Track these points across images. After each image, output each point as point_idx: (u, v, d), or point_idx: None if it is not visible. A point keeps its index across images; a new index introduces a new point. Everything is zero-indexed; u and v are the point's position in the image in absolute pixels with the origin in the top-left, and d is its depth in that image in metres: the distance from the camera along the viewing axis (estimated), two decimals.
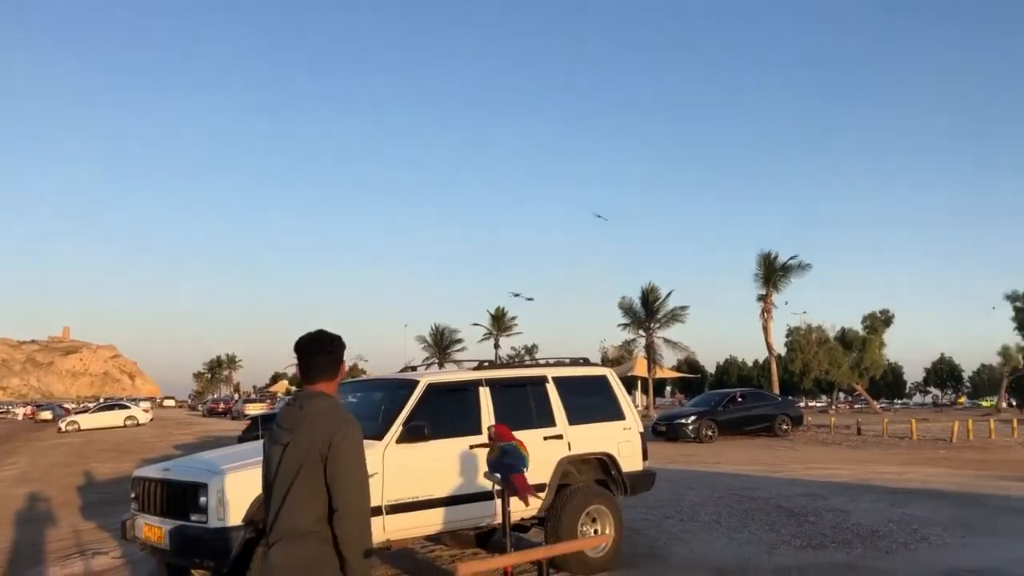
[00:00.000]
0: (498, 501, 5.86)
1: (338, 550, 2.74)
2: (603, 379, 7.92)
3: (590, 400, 7.70)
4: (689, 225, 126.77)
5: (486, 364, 7.48)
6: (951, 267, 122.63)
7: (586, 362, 8.05)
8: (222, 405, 64.98)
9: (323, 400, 2.92)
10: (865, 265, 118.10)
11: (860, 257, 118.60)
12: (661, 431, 26.26)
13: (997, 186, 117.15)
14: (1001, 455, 21.38)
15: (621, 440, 7.63)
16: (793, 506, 10.73)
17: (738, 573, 7.12)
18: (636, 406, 40.83)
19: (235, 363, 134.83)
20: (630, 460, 7.65)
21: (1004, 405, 61.16)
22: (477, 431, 6.56)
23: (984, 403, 73.36)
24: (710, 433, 25.48)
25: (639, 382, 55.16)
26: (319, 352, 2.98)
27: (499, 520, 6.92)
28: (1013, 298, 58.01)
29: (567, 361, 7.96)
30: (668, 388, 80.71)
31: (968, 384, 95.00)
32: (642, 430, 7.87)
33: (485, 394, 6.91)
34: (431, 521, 6.43)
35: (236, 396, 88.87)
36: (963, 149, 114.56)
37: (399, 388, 6.82)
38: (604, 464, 7.54)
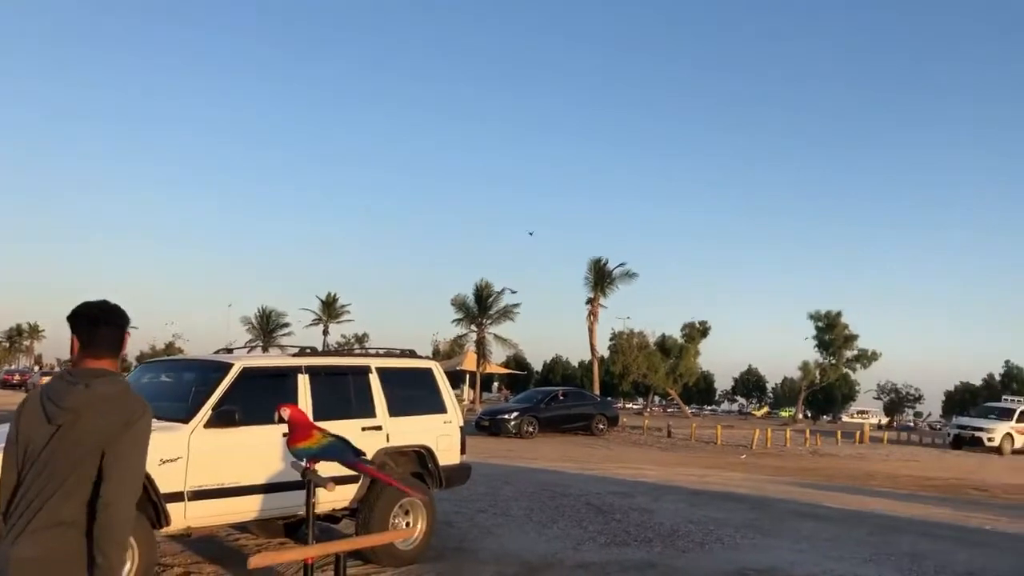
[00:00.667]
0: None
1: (92, 542, 2.50)
2: (428, 372, 7.92)
3: (413, 392, 7.68)
4: (526, 225, 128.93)
5: (308, 351, 7.32)
6: (764, 284, 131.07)
7: (412, 354, 8.03)
8: (17, 376, 60.21)
9: (113, 381, 2.64)
10: (689, 277, 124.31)
11: (685, 269, 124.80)
12: (484, 426, 26.59)
13: (804, 212, 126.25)
14: (794, 462, 23.03)
15: (441, 433, 7.66)
16: (602, 504, 11.13)
17: (544, 568, 7.30)
18: (463, 400, 41.07)
19: (38, 333, 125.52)
20: (448, 454, 7.69)
21: (800, 416, 66.01)
22: None
23: (784, 413, 78.85)
24: (531, 429, 26.03)
25: (468, 376, 55.66)
26: (107, 324, 2.69)
27: (315, 509, 6.81)
28: (816, 318, 62.72)
29: (393, 352, 7.91)
30: (496, 384, 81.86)
31: (771, 395, 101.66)
32: (462, 424, 7.93)
33: (304, 381, 6.75)
34: (237, 509, 6.22)
35: (35, 368, 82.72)
36: (780, 170, 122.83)
37: (212, 370, 6.55)
38: (422, 457, 7.54)
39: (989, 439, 30.07)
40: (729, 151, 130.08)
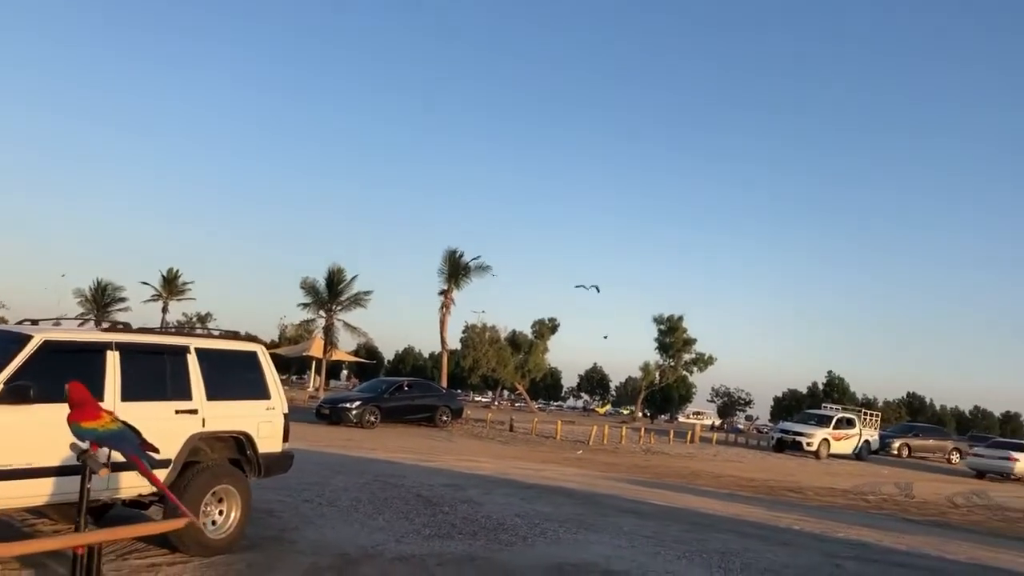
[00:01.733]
0: (105, 474, 5.36)
1: None
2: (252, 355, 7.61)
3: (235, 376, 7.35)
4: (381, 212, 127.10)
5: (120, 326, 6.89)
6: (613, 284, 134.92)
7: (236, 336, 7.70)
8: None
9: None
10: (542, 274, 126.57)
11: (537, 265, 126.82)
12: (324, 414, 26.11)
13: (654, 216, 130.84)
14: (627, 459, 23.78)
15: (262, 420, 7.38)
16: (432, 495, 11.08)
17: (362, 560, 7.16)
18: (309, 387, 40.04)
19: None
20: (269, 441, 7.42)
21: (640, 415, 68.41)
22: (98, 398, 5.99)
23: (624, 411, 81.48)
24: (373, 419, 25.74)
25: (314, 363, 54.49)
26: None
27: (118, 494, 6.42)
28: (659, 321, 65.14)
29: (215, 333, 7.56)
30: (344, 372, 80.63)
31: (614, 393, 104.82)
32: (287, 411, 7.68)
33: (113, 359, 6.34)
34: (27, 492, 5.77)
35: None
36: (631, 175, 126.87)
37: (9, 342, 6.05)
38: (240, 443, 7.24)
39: (808, 444, 31.95)
40: (578, 150, 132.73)
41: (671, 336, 64.47)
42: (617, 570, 7.46)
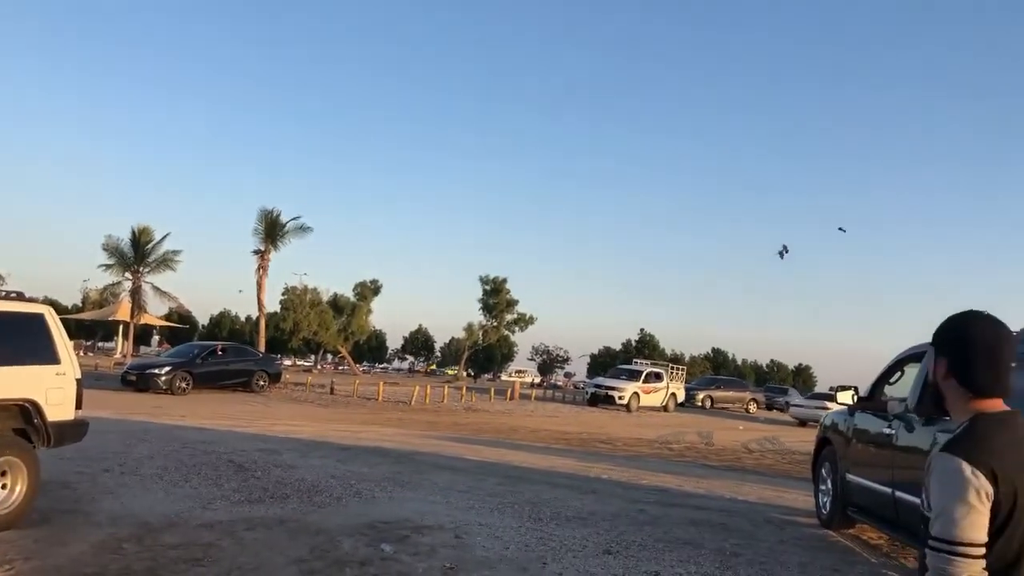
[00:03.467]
0: None
1: None
2: (38, 318, 7.09)
3: (19, 340, 6.84)
4: (191, 167, 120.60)
5: None
6: (437, 246, 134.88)
7: (20, 297, 7.14)
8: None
9: None
10: (365, 235, 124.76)
11: (361, 227, 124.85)
12: (131, 380, 24.79)
13: (478, 179, 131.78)
14: (448, 418, 24.07)
15: (51, 386, 6.91)
16: (244, 461, 10.81)
17: (165, 528, 6.89)
18: (116, 353, 37.78)
19: None
20: (60, 408, 6.97)
21: (464, 375, 69.30)
22: None
23: (449, 372, 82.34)
24: (184, 385, 24.69)
25: (122, 328, 51.48)
26: None
27: None
28: (484, 281, 65.93)
29: None
30: (156, 337, 76.64)
31: (439, 354, 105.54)
32: (79, 376, 7.23)
33: None
34: None
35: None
36: (458, 136, 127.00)
37: None
38: (26, 412, 6.76)
39: (620, 397, 33.53)
40: (398, 113, 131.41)
41: (495, 297, 65.45)
42: (430, 525, 7.57)
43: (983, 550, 1.69)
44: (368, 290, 65.34)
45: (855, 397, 8.29)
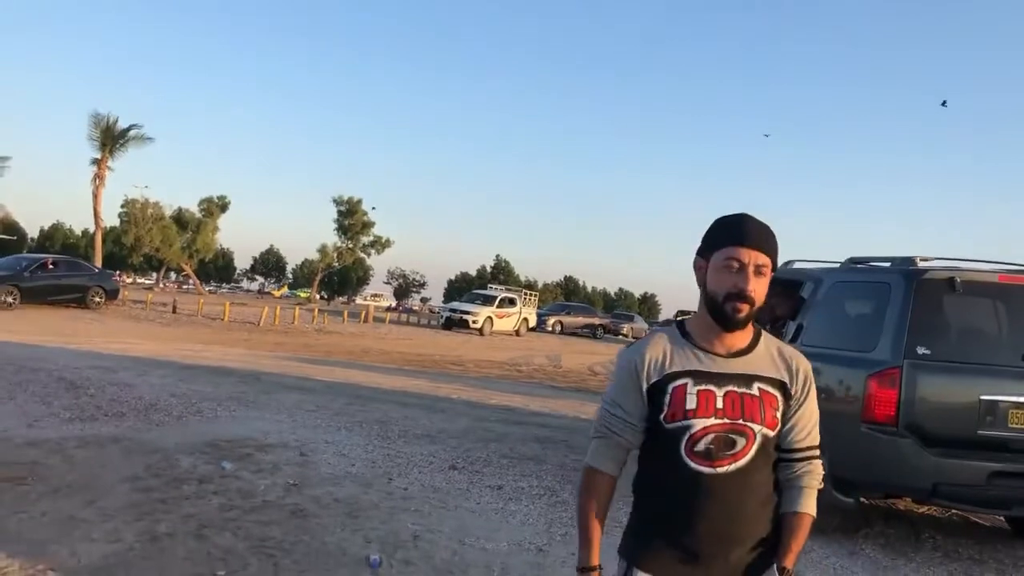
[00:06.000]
0: None
1: None
2: None
3: None
4: (21, 62, 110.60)
5: None
6: (290, 164, 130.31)
7: None
8: None
9: None
10: (210, 146, 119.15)
11: (210, 142, 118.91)
12: None
13: (332, 96, 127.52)
14: (298, 339, 23.66)
15: None
16: (77, 378, 10.27)
17: None
18: None
19: None
20: None
21: (317, 297, 68.12)
22: None
23: (302, 294, 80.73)
24: (11, 300, 23.09)
25: None
26: None
27: None
28: (338, 202, 64.54)
29: None
30: None
31: (291, 276, 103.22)
32: None
33: None
34: None
35: None
36: (309, 55, 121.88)
37: None
38: None
39: (474, 321, 33.90)
40: (254, 17, 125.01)
41: (350, 218, 64.25)
42: (274, 443, 7.46)
43: None
44: (215, 206, 62.79)
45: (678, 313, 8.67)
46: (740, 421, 1.91)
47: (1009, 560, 5.56)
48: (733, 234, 1.93)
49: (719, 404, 1.92)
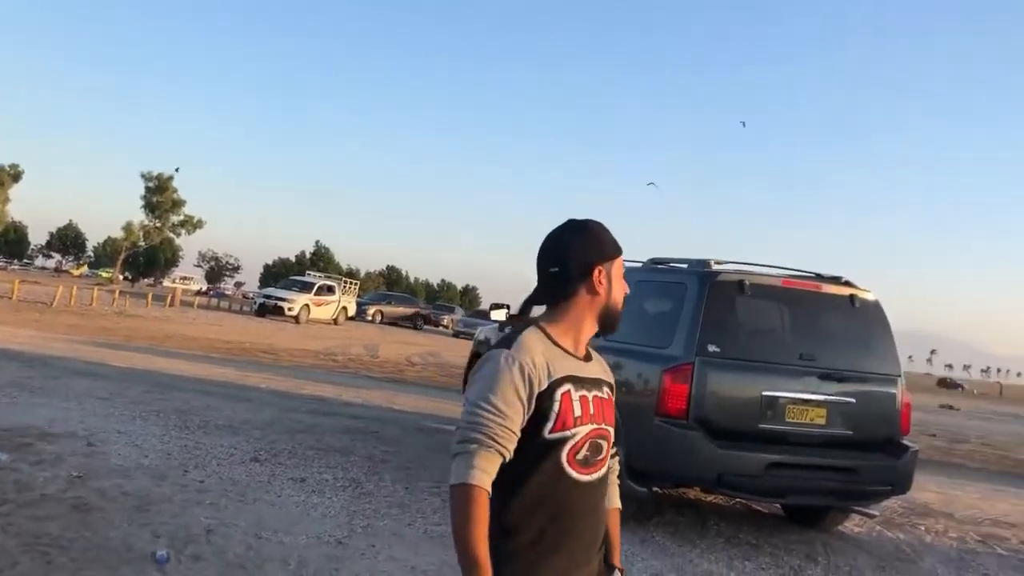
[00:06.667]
0: None
1: None
2: None
3: None
4: None
5: None
6: (94, 136, 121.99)
7: None
8: None
9: None
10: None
11: None
12: None
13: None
14: (95, 322, 22.19)
15: None
16: None
17: None
18: None
19: None
20: None
21: (120, 277, 64.10)
22: None
23: (103, 274, 75.66)
24: None
25: None
26: None
27: None
28: (147, 178, 61.02)
29: None
30: None
31: (92, 254, 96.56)
32: None
33: None
34: None
35: None
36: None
37: None
38: None
39: (289, 309, 32.97)
40: None
41: (159, 195, 60.88)
42: (59, 432, 6.94)
43: None
44: (6, 175, 57.74)
45: (508, 315, 8.82)
46: (603, 425, 1.92)
47: (782, 545, 6.02)
48: (617, 243, 1.97)
49: (591, 410, 1.90)
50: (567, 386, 1.85)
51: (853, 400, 5.90)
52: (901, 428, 6.12)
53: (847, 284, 6.30)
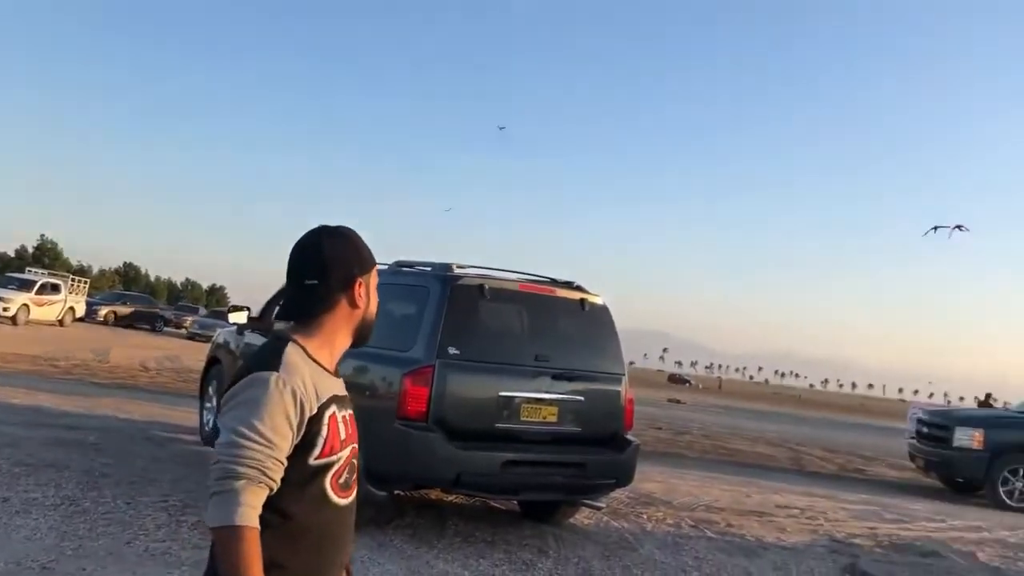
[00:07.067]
0: None
1: None
2: None
3: None
4: None
5: None
6: None
7: None
8: None
9: None
10: None
11: None
12: None
13: None
14: None
15: None
16: None
17: None
18: None
19: None
20: None
21: None
22: None
23: None
24: None
25: None
26: None
27: None
28: None
29: None
30: None
31: None
32: None
33: None
34: None
35: None
36: None
37: None
38: None
39: (5, 309, 29.76)
40: None
41: None
42: None
43: None
44: None
45: (248, 317, 8.45)
46: (356, 444, 1.82)
47: (516, 540, 6.21)
48: (372, 253, 1.87)
49: (350, 429, 1.79)
50: (332, 407, 1.74)
51: (582, 398, 6.22)
52: (625, 424, 6.53)
53: (578, 289, 6.63)
